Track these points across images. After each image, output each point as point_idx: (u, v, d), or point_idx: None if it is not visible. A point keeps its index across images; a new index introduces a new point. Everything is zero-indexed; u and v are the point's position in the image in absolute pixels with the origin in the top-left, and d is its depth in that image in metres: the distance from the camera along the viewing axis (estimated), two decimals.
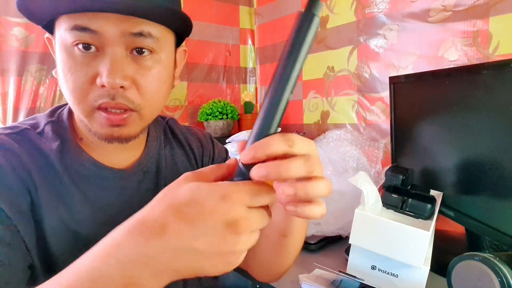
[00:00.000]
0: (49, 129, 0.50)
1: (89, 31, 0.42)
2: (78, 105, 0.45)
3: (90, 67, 0.43)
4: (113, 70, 0.42)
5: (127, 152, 0.55)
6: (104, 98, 0.44)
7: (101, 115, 0.45)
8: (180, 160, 0.63)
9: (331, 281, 0.66)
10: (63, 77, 0.45)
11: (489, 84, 0.61)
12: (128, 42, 0.44)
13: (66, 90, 0.45)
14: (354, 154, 1.05)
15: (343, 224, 0.86)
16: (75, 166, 0.49)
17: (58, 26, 0.44)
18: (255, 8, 1.77)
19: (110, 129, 0.46)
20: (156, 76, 0.47)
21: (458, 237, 0.83)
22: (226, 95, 1.71)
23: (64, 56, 0.44)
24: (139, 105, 0.46)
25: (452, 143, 0.72)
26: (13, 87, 1.15)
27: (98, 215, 0.50)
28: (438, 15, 1.04)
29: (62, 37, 0.44)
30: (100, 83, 0.43)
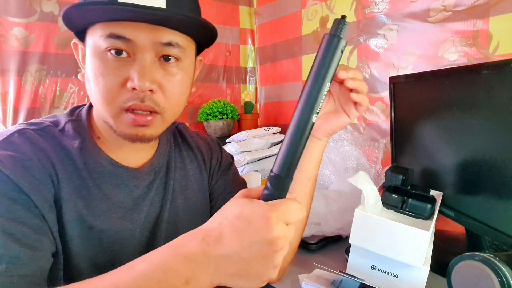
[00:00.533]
0: (70, 127, 0.54)
1: (124, 39, 0.46)
2: (107, 106, 0.48)
3: (121, 71, 0.47)
4: (143, 75, 0.47)
5: (141, 153, 0.59)
6: (134, 100, 0.47)
7: (128, 116, 0.49)
8: (189, 162, 0.67)
9: (331, 281, 0.66)
10: (94, 80, 0.48)
11: (489, 84, 0.61)
12: (158, 50, 0.48)
13: (96, 92, 0.48)
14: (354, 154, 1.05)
15: (343, 224, 0.86)
16: (92, 163, 0.53)
17: (92, 33, 0.48)
18: (255, 8, 1.77)
19: (135, 129, 0.50)
20: (180, 82, 0.52)
21: (458, 237, 0.83)
22: (226, 95, 1.71)
23: (96, 61, 0.48)
24: (163, 108, 0.50)
25: (452, 143, 0.72)
26: (13, 87, 1.15)
27: (113, 210, 0.53)
28: (438, 15, 1.04)
29: (96, 43, 0.47)
30: (131, 86, 0.47)
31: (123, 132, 0.50)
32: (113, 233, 0.52)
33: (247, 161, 1.18)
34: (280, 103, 1.66)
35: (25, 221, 0.43)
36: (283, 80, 1.63)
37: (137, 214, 0.56)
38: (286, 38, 1.60)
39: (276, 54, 1.66)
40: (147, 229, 0.58)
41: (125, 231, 0.54)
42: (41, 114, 1.21)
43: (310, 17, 1.46)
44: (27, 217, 0.43)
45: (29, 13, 1.15)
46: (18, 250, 0.41)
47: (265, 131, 1.30)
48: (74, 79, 1.26)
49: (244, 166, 1.19)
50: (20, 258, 0.41)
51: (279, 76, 1.66)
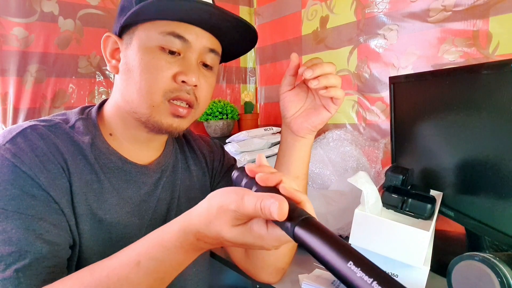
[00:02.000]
0: (80, 124, 0.56)
1: (183, 39, 0.53)
2: (152, 95, 0.52)
3: (172, 66, 0.53)
4: (193, 71, 0.54)
5: (150, 151, 0.62)
6: (181, 91, 0.54)
7: (171, 105, 0.54)
8: (193, 164, 0.69)
9: (331, 281, 0.66)
10: (142, 71, 0.52)
11: (489, 84, 0.61)
12: (203, 54, 0.56)
13: (141, 82, 0.52)
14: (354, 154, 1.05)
15: (343, 224, 0.86)
16: (102, 159, 0.55)
17: (147, 28, 0.53)
18: (255, 8, 1.77)
19: (172, 120, 0.54)
20: (211, 85, 0.59)
21: (458, 237, 0.83)
22: (226, 95, 1.71)
23: (149, 55, 0.52)
24: (198, 104, 0.57)
25: (452, 143, 0.72)
26: (13, 87, 1.15)
27: (122, 205, 0.55)
28: (438, 15, 1.04)
29: (151, 38, 0.52)
30: (182, 79, 0.53)
31: (159, 122, 0.54)
32: (122, 227, 0.54)
33: (247, 161, 1.17)
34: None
35: (45, 217, 0.45)
36: None
37: (144, 210, 0.58)
38: (286, 38, 1.60)
39: (276, 54, 1.66)
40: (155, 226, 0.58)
41: (133, 226, 0.56)
42: (41, 114, 1.20)
43: (310, 17, 1.46)
44: (48, 212, 0.46)
45: (29, 13, 1.15)
46: (40, 246, 0.44)
47: (265, 131, 1.30)
48: (74, 79, 1.26)
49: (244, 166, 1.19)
50: (43, 253, 0.44)
51: (279, 76, 1.66)
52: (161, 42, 0.52)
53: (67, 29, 1.23)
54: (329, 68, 0.55)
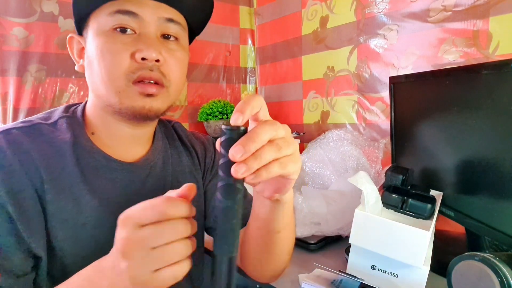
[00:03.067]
0: (63, 122, 0.54)
1: (131, 14, 0.50)
2: (114, 81, 0.50)
3: (128, 46, 0.50)
4: (151, 46, 0.50)
5: (136, 147, 0.59)
6: (143, 70, 0.50)
7: (137, 86, 0.50)
8: (185, 159, 0.67)
9: (331, 281, 0.66)
10: (100, 58, 0.50)
11: (489, 84, 0.61)
12: (161, 26, 0.52)
13: (102, 70, 0.50)
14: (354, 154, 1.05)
15: (343, 224, 0.86)
16: (86, 157, 0.53)
17: (97, 16, 0.51)
18: (255, 8, 1.77)
19: (142, 101, 0.51)
20: (181, 59, 0.55)
21: (458, 237, 0.83)
22: (226, 95, 1.71)
23: (102, 40, 0.50)
24: (169, 81, 0.53)
25: (452, 143, 0.72)
26: (13, 87, 1.15)
27: (105, 208, 0.52)
28: (438, 15, 1.04)
29: (102, 22, 0.50)
30: (140, 56, 0.49)
31: (130, 106, 0.51)
32: (106, 230, 0.51)
33: None
34: (280, 103, 1.66)
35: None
36: (283, 80, 1.63)
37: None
38: (286, 38, 1.60)
39: (276, 54, 1.66)
40: None
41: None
42: None
43: (310, 17, 1.46)
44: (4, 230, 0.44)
45: (29, 13, 1.15)
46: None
47: None
48: (74, 79, 1.26)
49: None
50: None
51: (279, 76, 1.66)
52: (112, 23, 0.50)
53: (67, 29, 1.23)
54: (266, 135, 0.35)
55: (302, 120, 1.54)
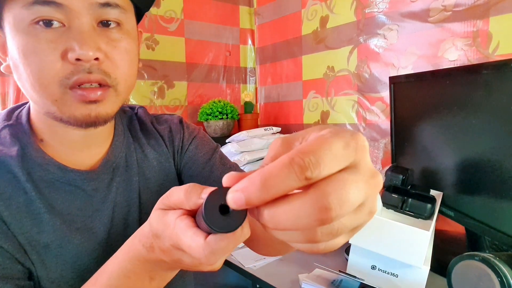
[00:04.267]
0: (7, 133, 0.46)
1: (53, 4, 0.39)
2: (47, 88, 0.41)
3: (57, 44, 0.40)
4: (85, 42, 0.40)
5: (93, 149, 0.51)
6: (79, 73, 0.40)
7: (75, 93, 0.41)
8: (151, 151, 0.59)
9: (331, 280, 0.66)
10: (24, 61, 0.40)
11: (489, 84, 0.61)
12: (95, 14, 0.42)
13: (29, 76, 0.41)
14: None
15: None
16: (38, 171, 0.45)
17: (11, 8, 0.40)
18: (255, 8, 1.77)
19: (86, 108, 0.42)
20: (127, 49, 0.45)
21: (458, 237, 0.83)
22: (226, 95, 1.71)
23: (22, 39, 0.40)
24: (115, 79, 0.44)
25: (452, 143, 0.72)
26: (13, 87, 1.15)
27: (70, 222, 0.46)
28: (438, 15, 1.04)
29: (18, 16, 0.39)
30: (74, 56, 0.39)
31: (72, 116, 0.42)
32: (74, 247, 0.46)
33: (247, 161, 1.18)
34: (280, 103, 1.66)
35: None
36: (283, 80, 1.63)
37: (98, 221, 0.49)
38: (286, 38, 1.60)
39: (276, 54, 1.66)
40: (118, 233, 0.51)
41: (89, 242, 0.47)
42: None
43: (310, 17, 1.46)
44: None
45: None
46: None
47: (265, 131, 1.30)
48: None
49: (244, 166, 1.19)
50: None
51: (279, 76, 1.66)
52: (31, 16, 0.39)
53: None
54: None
55: (302, 120, 1.54)
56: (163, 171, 0.59)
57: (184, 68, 1.54)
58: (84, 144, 0.50)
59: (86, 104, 0.42)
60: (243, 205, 0.20)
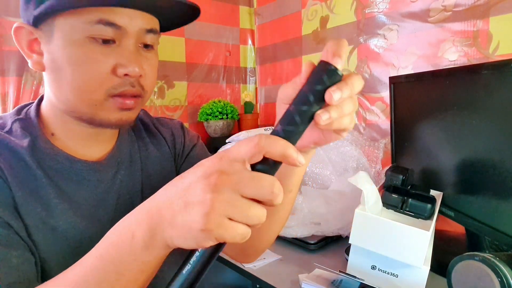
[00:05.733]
0: (18, 127, 0.51)
1: (115, 26, 0.45)
2: (91, 94, 0.47)
3: (109, 58, 0.46)
4: (135, 61, 0.47)
5: (100, 145, 0.56)
6: (125, 86, 0.48)
7: (116, 101, 0.48)
8: (154, 150, 0.64)
9: (331, 281, 0.66)
10: (74, 68, 0.46)
11: (489, 84, 0.61)
12: (141, 37, 0.49)
13: (75, 81, 0.46)
14: (354, 154, 1.05)
15: (343, 224, 0.86)
16: (47, 161, 0.50)
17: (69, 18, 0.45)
18: (255, 8, 1.77)
19: (120, 114, 0.49)
20: (155, 67, 0.53)
21: (458, 237, 0.83)
22: (226, 95, 1.71)
23: (77, 49, 0.45)
24: (146, 92, 0.51)
25: (452, 143, 0.72)
26: (13, 87, 1.15)
27: (76, 209, 0.50)
28: (438, 15, 1.04)
29: (77, 29, 0.45)
30: (124, 72, 0.47)
31: (106, 119, 0.49)
32: (78, 233, 0.49)
33: None
34: None
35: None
36: (283, 80, 1.63)
37: (102, 210, 0.53)
38: (286, 38, 1.60)
39: (276, 54, 1.66)
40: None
41: (92, 229, 0.51)
42: None
43: (310, 17, 1.46)
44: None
45: None
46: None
47: (265, 131, 1.30)
48: None
49: None
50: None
51: (279, 76, 1.66)
52: (90, 32, 0.45)
53: None
54: (357, 88, 0.36)
55: None
56: (164, 170, 0.63)
57: (184, 68, 1.54)
58: (93, 140, 0.55)
59: (122, 110, 0.49)
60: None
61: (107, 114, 0.49)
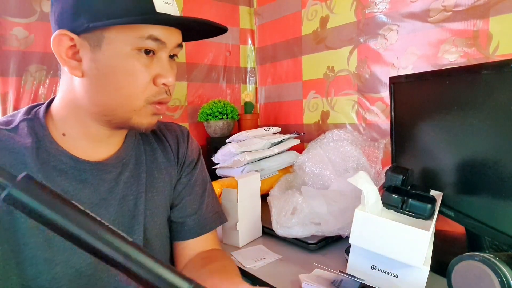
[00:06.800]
0: (25, 126, 0.53)
1: (159, 42, 0.51)
2: (133, 101, 0.52)
3: (150, 69, 0.52)
4: (170, 72, 0.54)
5: (106, 147, 0.59)
6: (163, 94, 0.54)
7: (154, 107, 0.54)
8: (160, 154, 0.67)
9: (331, 281, 0.66)
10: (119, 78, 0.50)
11: (489, 84, 0.61)
12: (173, 50, 0.55)
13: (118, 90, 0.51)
14: (354, 154, 1.05)
15: (343, 224, 0.86)
16: (52, 161, 0.52)
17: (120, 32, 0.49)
18: (255, 8, 1.77)
19: (152, 118, 0.55)
20: (175, 75, 0.58)
21: (458, 237, 0.83)
22: (226, 95, 1.71)
23: (124, 60, 0.50)
24: (170, 97, 0.57)
25: (452, 143, 0.72)
26: (13, 87, 1.15)
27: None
28: (438, 15, 1.04)
29: (126, 42, 0.49)
30: (163, 82, 0.53)
31: (140, 123, 0.54)
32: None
33: (247, 161, 1.17)
34: (280, 103, 1.66)
35: None
36: (283, 80, 1.63)
37: (104, 209, 0.55)
38: (286, 38, 1.60)
39: (276, 54, 1.66)
40: (122, 224, 0.57)
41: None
42: None
43: (310, 17, 1.46)
44: None
45: (29, 13, 1.15)
46: None
47: (265, 131, 1.30)
48: None
49: (244, 166, 1.19)
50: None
51: (279, 76, 1.66)
52: (139, 45, 0.50)
53: None
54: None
55: (302, 120, 1.54)
56: (167, 175, 0.66)
57: (184, 68, 1.54)
58: (106, 140, 0.58)
59: (154, 115, 0.55)
60: None
61: (142, 119, 0.54)
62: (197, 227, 0.68)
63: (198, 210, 0.69)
